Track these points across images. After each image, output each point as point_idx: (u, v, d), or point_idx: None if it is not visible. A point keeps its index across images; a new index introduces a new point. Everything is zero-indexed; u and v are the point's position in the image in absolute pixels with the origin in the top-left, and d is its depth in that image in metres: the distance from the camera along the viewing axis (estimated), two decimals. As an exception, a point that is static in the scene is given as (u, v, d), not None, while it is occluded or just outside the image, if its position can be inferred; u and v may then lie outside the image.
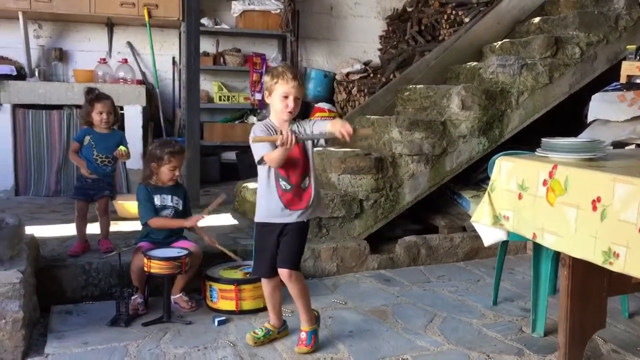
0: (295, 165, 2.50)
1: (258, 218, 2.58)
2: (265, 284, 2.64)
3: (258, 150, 2.45)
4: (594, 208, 1.99)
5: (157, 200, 3.05)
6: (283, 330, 2.75)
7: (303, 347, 2.59)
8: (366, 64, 6.45)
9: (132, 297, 2.90)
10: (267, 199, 2.52)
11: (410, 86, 4.70)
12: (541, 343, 2.71)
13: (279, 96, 2.45)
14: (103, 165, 3.34)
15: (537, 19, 4.89)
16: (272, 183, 2.50)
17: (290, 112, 2.46)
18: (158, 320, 2.84)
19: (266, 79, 2.51)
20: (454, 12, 5.56)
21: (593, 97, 3.89)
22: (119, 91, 5.08)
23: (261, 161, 2.46)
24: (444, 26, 5.67)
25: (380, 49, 6.78)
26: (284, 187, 2.50)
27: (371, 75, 6.22)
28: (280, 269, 2.54)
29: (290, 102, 2.45)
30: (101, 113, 3.31)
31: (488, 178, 2.66)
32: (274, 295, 2.67)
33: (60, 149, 5.16)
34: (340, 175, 3.83)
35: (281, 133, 2.32)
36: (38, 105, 5.14)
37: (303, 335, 2.60)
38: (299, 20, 6.44)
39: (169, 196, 3.08)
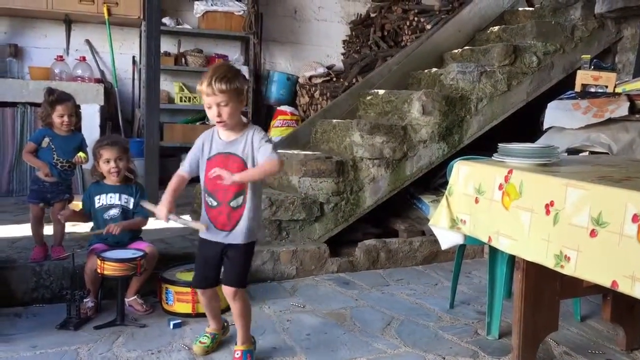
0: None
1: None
2: (200, 295, 2.53)
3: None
4: (547, 212, 2.02)
5: (102, 199, 2.97)
6: (226, 329, 2.68)
7: None
8: (329, 67, 6.47)
9: (85, 300, 2.82)
10: (201, 211, 2.44)
11: (372, 91, 4.72)
12: (495, 345, 2.75)
13: (205, 106, 2.25)
14: (63, 169, 3.18)
15: (496, 28, 4.98)
16: (202, 195, 2.42)
17: (220, 122, 2.25)
18: (111, 323, 2.77)
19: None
20: (416, 18, 5.63)
21: (549, 105, 3.98)
22: (76, 89, 4.93)
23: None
24: (406, 32, 5.74)
25: (343, 54, 6.82)
26: (210, 203, 2.41)
27: (334, 79, 6.24)
28: (225, 286, 2.42)
29: (214, 110, 2.21)
30: (62, 116, 3.13)
31: (447, 183, 2.69)
32: (211, 304, 2.55)
33: (13, 148, 5.00)
34: (300, 178, 3.82)
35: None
36: (-10, 102, 4.99)
37: (238, 354, 2.44)
38: (263, 22, 6.42)
39: (117, 194, 2.98)
